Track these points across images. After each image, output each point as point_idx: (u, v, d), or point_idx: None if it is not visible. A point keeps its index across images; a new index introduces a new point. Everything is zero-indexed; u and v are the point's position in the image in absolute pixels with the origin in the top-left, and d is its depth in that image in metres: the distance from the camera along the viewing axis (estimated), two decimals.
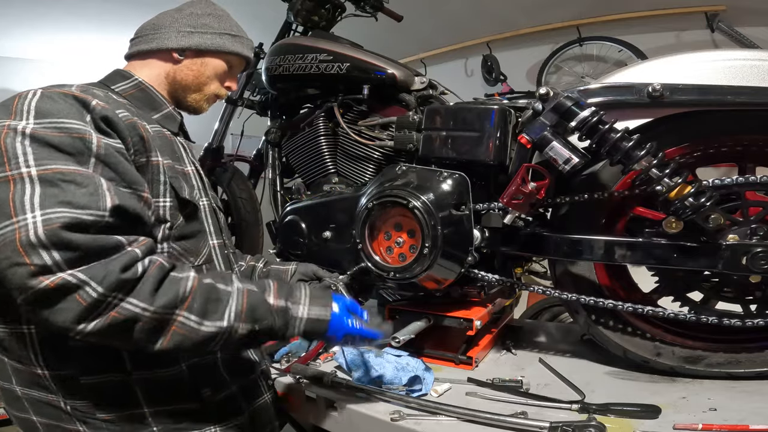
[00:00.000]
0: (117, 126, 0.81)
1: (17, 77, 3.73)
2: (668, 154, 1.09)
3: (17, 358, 0.84)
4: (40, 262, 0.65)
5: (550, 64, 3.53)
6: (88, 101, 0.80)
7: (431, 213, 1.19)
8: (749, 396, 1.07)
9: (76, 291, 0.67)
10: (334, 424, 1.16)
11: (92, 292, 0.68)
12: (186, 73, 1.04)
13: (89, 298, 0.67)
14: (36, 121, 0.74)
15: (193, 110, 1.10)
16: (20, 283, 0.66)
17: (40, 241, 0.65)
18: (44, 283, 0.65)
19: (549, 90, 1.10)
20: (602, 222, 1.21)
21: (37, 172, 0.70)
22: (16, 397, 0.87)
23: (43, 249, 0.65)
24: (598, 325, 1.25)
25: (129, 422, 0.86)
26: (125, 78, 1.00)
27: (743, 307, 1.16)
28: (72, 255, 0.67)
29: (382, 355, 1.24)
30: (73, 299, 0.67)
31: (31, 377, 0.84)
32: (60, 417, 0.85)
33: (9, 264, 0.65)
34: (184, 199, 0.93)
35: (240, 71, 1.16)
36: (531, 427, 0.97)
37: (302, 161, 1.64)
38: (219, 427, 0.94)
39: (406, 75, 1.45)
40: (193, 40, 1.02)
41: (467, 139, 1.24)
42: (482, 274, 1.27)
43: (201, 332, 0.78)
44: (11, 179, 0.69)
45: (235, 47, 1.07)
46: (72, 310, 0.67)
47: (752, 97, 1.01)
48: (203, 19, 1.04)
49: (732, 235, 1.04)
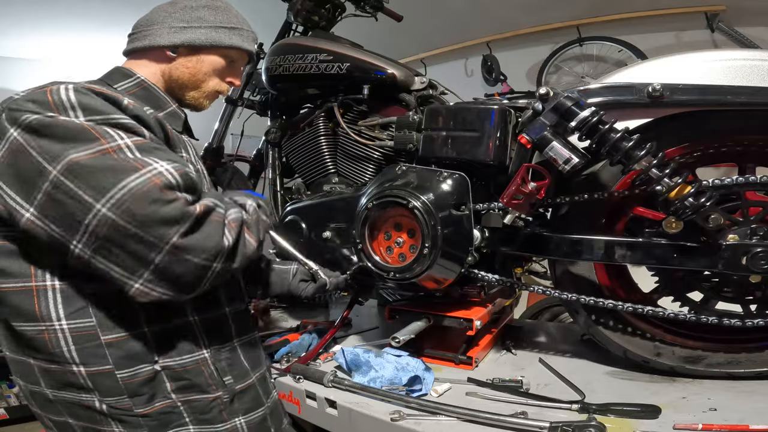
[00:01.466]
0: (148, 123, 0.85)
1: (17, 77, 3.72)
2: (668, 154, 1.09)
3: (49, 357, 0.83)
4: (183, 196, 0.76)
5: (550, 64, 3.53)
6: (120, 100, 0.82)
7: (431, 213, 1.19)
8: (749, 396, 1.07)
9: (213, 211, 0.80)
10: (334, 424, 1.16)
11: (221, 209, 0.82)
12: (182, 71, 1.01)
13: (221, 216, 0.81)
14: (87, 117, 0.77)
15: (193, 108, 1.08)
16: (180, 214, 0.74)
17: (178, 182, 0.76)
18: (197, 210, 0.77)
19: (549, 90, 1.10)
20: (602, 222, 1.21)
21: (132, 142, 0.77)
22: (49, 401, 0.86)
23: (179, 190, 0.76)
24: (598, 325, 1.25)
25: (164, 414, 0.87)
26: (127, 76, 0.98)
27: (743, 307, 1.16)
28: (194, 194, 0.80)
29: (382, 355, 1.24)
30: (213, 221, 0.79)
31: (64, 377, 0.84)
32: (95, 419, 0.85)
33: (162, 202, 0.73)
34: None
35: (243, 65, 1.11)
36: (531, 427, 0.97)
37: (302, 161, 1.64)
38: (244, 419, 0.96)
39: (406, 75, 1.45)
40: (185, 36, 0.98)
41: (467, 139, 1.24)
42: (482, 274, 1.27)
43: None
44: (111, 150, 0.74)
45: (232, 41, 1.02)
46: (217, 229, 0.79)
47: (752, 97, 1.01)
48: (198, 12, 0.99)
49: (732, 235, 1.04)
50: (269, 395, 1.05)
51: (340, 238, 1.43)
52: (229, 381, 0.94)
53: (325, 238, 1.45)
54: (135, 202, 0.71)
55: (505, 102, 1.33)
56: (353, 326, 1.74)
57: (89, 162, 0.72)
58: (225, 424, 0.92)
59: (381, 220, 1.29)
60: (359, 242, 1.29)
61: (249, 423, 0.96)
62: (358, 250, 1.29)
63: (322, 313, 2.01)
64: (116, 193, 0.71)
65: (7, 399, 2.94)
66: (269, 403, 1.03)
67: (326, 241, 1.45)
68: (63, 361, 0.83)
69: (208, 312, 0.95)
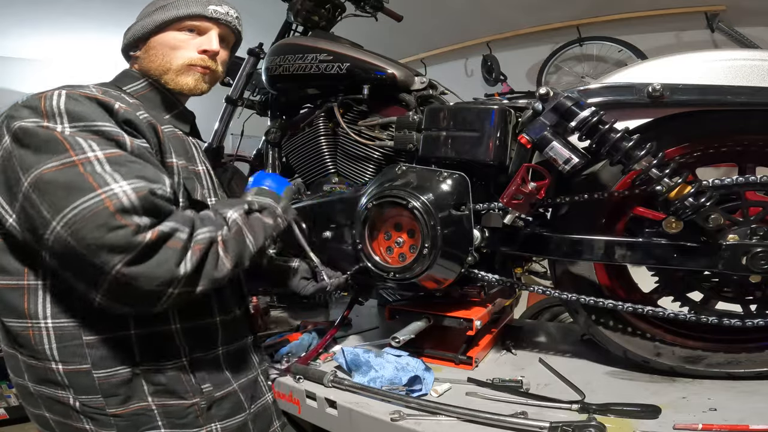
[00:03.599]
0: (139, 127, 0.86)
1: (17, 77, 3.72)
2: (668, 154, 1.09)
3: (31, 353, 0.86)
4: (138, 221, 0.73)
5: (550, 64, 3.53)
6: (111, 105, 0.83)
7: (431, 213, 1.19)
8: (749, 396, 1.07)
9: (171, 237, 0.76)
10: (334, 424, 1.16)
11: (182, 234, 0.78)
12: (148, 64, 1.02)
13: (180, 241, 0.77)
14: (71, 124, 0.78)
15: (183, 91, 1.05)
16: (125, 243, 0.72)
17: (133, 205, 0.73)
18: (148, 238, 0.73)
19: (549, 90, 1.10)
20: (602, 222, 1.21)
21: (104, 155, 0.76)
22: (30, 393, 0.89)
23: (135, 214, 0.73)
24: (598, 325, 1.25)
25: (136, 416, 0.88)
26: (135, 79, 1.02)
27: (743, 307, 1.16)
28: (156, 217, 0.76)
29: (382, 355, 1.24)
30: (169, 247, 0.76)
31: (44, 373, 0.86)
32: (68, 414, 0.87)
33: (108, 228, 0.71)
34: (196, 200, 0.96)
35: (210, 29, 1.04)
36: (531, 427, 0.97)
37: (302, 161, 1.64)
38: (220, 424, 0.96)
39: (406, 75, 1.45)
40: (129, 34, 1.03)
41: (467, 139, 1.24)
42: (482, 274, 1.27)
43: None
44: (79, 162, 0.74)
45: (167, 15, 1.00)
46: (172, 257, 0.76)
47: (752, 97, 1.01)
48: (143, 11, 1.04)
49: (732, 235, 1.04)
50: (257, 399, 1.06)
51: (340, 238, 1.43)
52: (208, 388, 0.95)
53: (325, 238, 1.45)
54: (84, 225, 0.71)
55: (505, 102, 1.33)
56: (353, 326, 1.74)
57: (52, 176, 0.73)
58: (200, 429, 0.93)
59: (381, 220, 1.29)
60: (359, 242, 1.28)
61: (226, 428, 0.96)
62: (358, 250, 1.29)
63: (322, 313, 2.01)
64: (68, 213, 0.72)
65: (7, 399, 2.94)
66: (254, 408, 1.04)
67: (326, 241, 1.45)
68: (43, 357, 0.85)
69: (195, 320, 0.96)
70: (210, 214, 0.89)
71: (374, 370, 1.19)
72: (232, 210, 0.93)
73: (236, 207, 0.94)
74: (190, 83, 1.04)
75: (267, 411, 1.09)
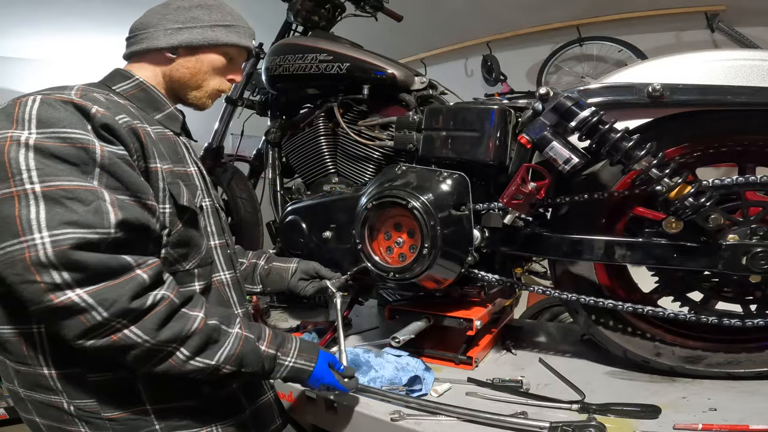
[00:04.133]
0: (117, 132, 0.80)
1: (17, 77, 3.72)
2: (668, 154, 1.09)
3: (21, 359, 0.84)
4: (50, 280, 0.68)
5: (550, 64, 3.53)
6: (88, 109, 0.78)
7: (431, 213, 1.19)
8: (749, 396, 1.07)
9: (82, 313, 0.70)
10: (334, 424, 1.16)
11: (97, 316, 0.71)
12: (182, 72, 1.00)
13: (93, 321, 0.71)
14: (39, 131, 0.74)
15: (196, 107, 1.07)
16: (32, 298, 0.69)
17: (50, 261, 0.68)
18: (54, 301, 0.69)
19: (549, 90, 1.10)
20: (602, 222, 1.21)
21: (41, 189, 0.71)
22: (20, 399, 0.88)
23: (53, 269, 0.68)
24: (598, 325, 1.25)
25: (133, 420, 0.87)
26: (126, 78, 0.98)
27: (743, 307, 1.16)
28: (81, 275, 0.70)
29: (382, 355, 1.24)
30: (78, 319, 0.70)
31: (35, 378, 0.84)
32: (62, 419, 0.86)
33: (21, 280, 0.69)
34: (183, 206, 0.92)
35: (243, 61, 1.10)
36: (531, 427, 0.97)
37: (302, 161, 1.64)
38: (221, 425, 0.95)
39: (406, 75, 1.45)
40: (182, 37, 0.97)
41: (467, 139, 1.24)
42: (482, 274, 1.27)
43: (188, 366, 0.82)
44: (15, 195, 0.70)
45: (230, 38, 1.01)
46: (76, 327, 0.71)
47: (752, 97, 1.01)
48: (192, 12, 0.98)
49: (732, 235, 1.04)
50: (257, 398, 1.05)
51: (340, 238, 1.43)
52: (207, 390, 0.93)
53: (325, 238, 1.45)
54: (5, 268, 0.69)
55: (505, 102, 1.33)
56: (353, 326, 1.74)
57: None
58: (199, 430, 0.92)
59: (381, 220, 1.29)
60: (359, 242, 1.29)
61: (225, 428, 0.95)
62: (358, 250, 1.29)
63: (322, 313, 2.01)
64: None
65: (6, 399, 2.94)
66: (253, 408, 1.02)
67: (326, 241, 1.45)
68: (35, 363, 0.83)
69: None
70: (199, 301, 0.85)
71: (374, 370, 1.19)
72: (236, 323, 0.89)
73: (250, 328, 0.91)
74: (209, 105, 1.07)
75: (268, 409, 1.08)
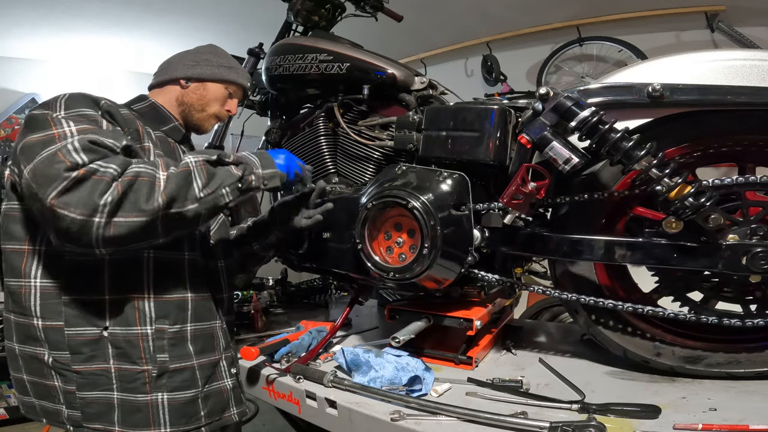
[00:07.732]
0: (116, 118, 1.05)
1: (17, 77, 3.72)
2: (668, 154, 1.09)
3: (20, 310, 1.01)
4: (75, 159, 0.86)
5: (550, 64, 3.53)
6: (98, 99, 1.04)
7: (431, 213, 1.19)
8: (749, 396, 1.07)
9: (97, 172, 0.87)
10: (334, 424, 1.16)
11: (111, 170, 0.88)
12: (192, 96, 1.26)
13: (108, 175, 0.87)
14: (65, 111, 0.97)
15: (197, 128, 1.30)
16: (56, 175, 0.85)
17: (75, 147, 0.88)
18: (77, 172, 0.85)
19: (549, 90, 1.10)
20: (602, 222, 1.21)
21: (76, 128, 0.93)
22: (15, 356, 1.03)
23: (75, 152, 0.87)
24: (598, 325, 1.25)
25: (95, 376, 0.99)
26: (142, 99, 1.24)
27: (743, 307, 1.16)
28: (95, 154, 0.89)
29: (382, 355, 1.24)
30: (95, 179, 0.86)
31: (27, 330, 1.00)
32: (42, 372, 1.00)
33: (50, 163, 0.86)
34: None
35: (239, 98, 1.34)
36: (531, 427, 0.97)
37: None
38: (168, 395, 1.02)
39: (406, 75, 1.45)
40: (196, 71, 1.26)
41: (467, 139, 1.24)
42: (482, 274, 1.27)
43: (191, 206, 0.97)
44: (56, 134, 0.91)
45: (230, 76, 1.29)
46: (96, 187, 0.86)
47: (752, 97, 1.01)
48: (205, 56, 1.28)
49: (732, 235, 1.04)
50: (213, 381, 1.11)
51: (340, 238, 1.43)
52: (163, 358, 1.03)
53: (324, 238, 1.45)
54: (39, 165, 0.87)
55: (505, 102, 1.33)
56: (353, 326, 1.74)
57: (33, 142, 0.90)
58: (145, 396, 1.01)
59: (381, 220, 1.29)
60: (359, 242, 1.29)
61: (172, 400, 1.03)
62: (358, 250, 1.29)
63: (322, 313, 2.01)
64: (35, 160, 0.87)
65: (7, 399, 2.94)
66: (207, 389, 1.09)
67: (326, 241, 1.45)
68: (29, 314, 0.99)
69: (169, 294, 1.06)
70: (161, 161, 0.97)
71: (374, 370, 1.19)
72: (193, 155, 1.01)
73: (201, 154, 1.03)
74: (207, 127, 1.32)
75: (222, 395, 1.12)
